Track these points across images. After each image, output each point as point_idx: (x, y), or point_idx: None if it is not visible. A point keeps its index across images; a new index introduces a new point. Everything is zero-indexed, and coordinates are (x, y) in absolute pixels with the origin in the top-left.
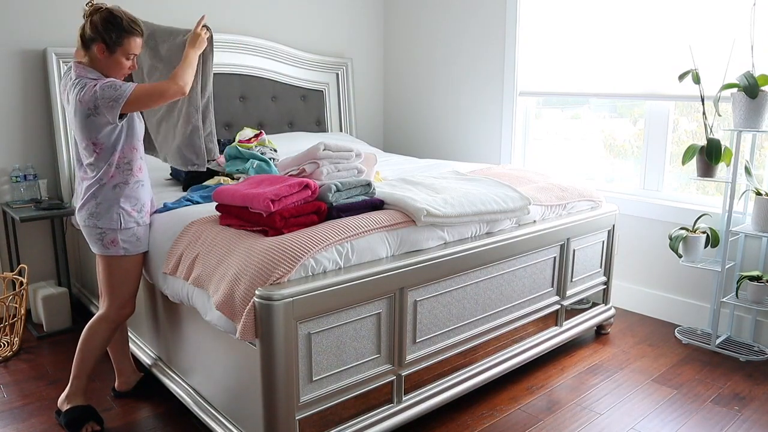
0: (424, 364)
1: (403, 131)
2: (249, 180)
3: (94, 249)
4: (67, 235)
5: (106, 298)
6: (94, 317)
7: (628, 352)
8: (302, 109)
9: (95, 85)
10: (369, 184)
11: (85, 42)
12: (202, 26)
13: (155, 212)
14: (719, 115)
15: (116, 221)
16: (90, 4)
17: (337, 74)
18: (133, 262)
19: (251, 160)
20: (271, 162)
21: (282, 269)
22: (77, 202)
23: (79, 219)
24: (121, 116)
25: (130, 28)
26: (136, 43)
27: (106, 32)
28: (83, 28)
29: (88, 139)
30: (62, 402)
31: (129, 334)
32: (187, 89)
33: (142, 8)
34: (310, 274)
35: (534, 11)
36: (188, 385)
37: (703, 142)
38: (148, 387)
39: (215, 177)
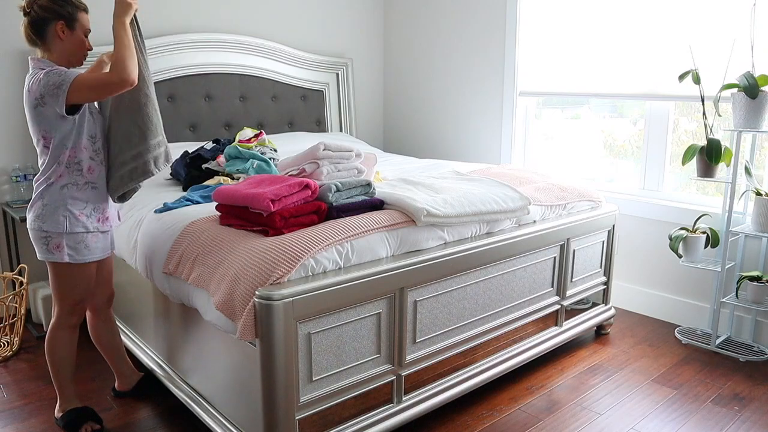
0: (424, 364)
1: (403, 131)
2: (249, 180)
3: (38, 254)
4: None
5: (55, 303)
6: (49, 327)
7: (628, 352)
8: (302, 109)
9: (42, 74)
10: (369, 184)
11: (38, 31)
12: None
13: (157, 211)
14: (719, 115)
15: (61, 224)
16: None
17: (337, 74)
18: (81, 270)
19: (251, 160)
20: (271, 162)
21: (282, 269)
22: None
23: (27, 222)
24: (74, 110)
25: (80, 3)
26: (87, 19)
27: (62, 8)
28: (29, 21)
29: (38, 133)
30: (57, 412)
31: (129, 333)
32: (134, 77)
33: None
34: (310, 274)
35: (534, 11)
36: (188, 385)
37: (703, 142)
38: (148, 387)
39: (215, 177)
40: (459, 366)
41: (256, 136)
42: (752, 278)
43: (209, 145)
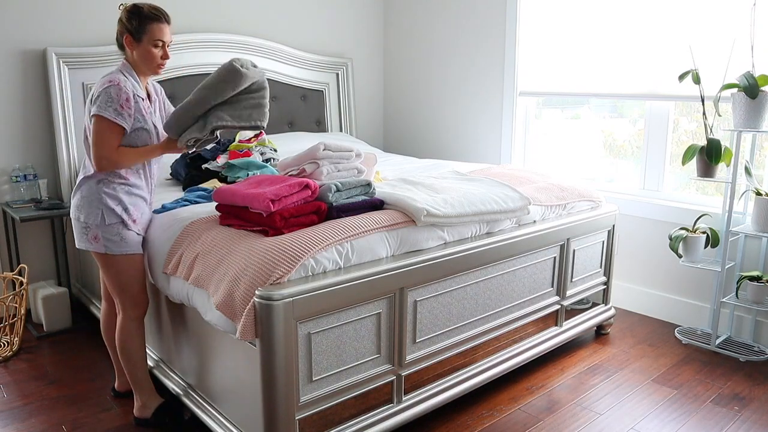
0: (424, 364)
1: (403, 131)
2: (249, 180)
3: (77, 242)
4: (67, 235)
5: (116, 299)
6: (117, 324)
7: (628, 352)
8: (302, 109)
9: (107, 83)
10: (369, 184)
11: (118, 41)
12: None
13: (155, 212)
14: (719, 115)
15: (98, 216)
16: (121, 5)
17: (337, 74)
18: (127, 263)
19: (251, 170)
20: (269, 165)
21: (282, 269)
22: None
23: (71, 212)
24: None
25: (152, 14)
26: (161, 30)
27: (129, 22)
28: (117, 29)
29: (87, 128)
30: (141, 411)
31: None
32: (104, 167)
33: None
34: (310, 274)
35: (534, 11)
36: (188, 384)
37: (703, 142)
38: None
39: (212, 180)
40: (459, 366)
41: (256, 136)
42: (752, 278)
43: (209, 145)
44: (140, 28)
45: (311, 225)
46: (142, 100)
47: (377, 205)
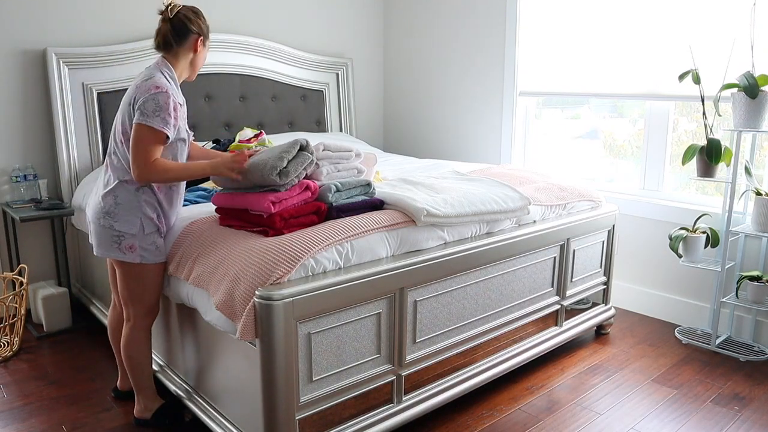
0: (424, 364)
1: (403, 131)
2: None
3: (103, 252)
4: (67, 235)
5: (129, 308)
6: (125, 330)
7: (628, 352)
8: (302, 109)
9: (154, 89)
10: (369, 184)
11: (178, 39)
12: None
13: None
14: (719, 115)
15: (136, 225)
16: (171, 5)
17: (337, 74)
18: (155, 271)
19: None
20: None
21: (282, 269)
22: (91, 195)
23: (92, 215)
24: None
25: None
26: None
27: (204, 23)
28: (171, 26)
29: (125, 131)
30: (141, 412)
31: None
32: (146, 178)
33: (141, 8)
34: (310, 274)
35: (534, 11)
36: (188, 385)
37: (703, 142)
38: None
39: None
40: (459, 366)
41: (256, 136)
42: (752, 278)
43: (209, 145)
44: (208, 34)
45: (311, 225)
46: (181, 105)
47: (377, 205)
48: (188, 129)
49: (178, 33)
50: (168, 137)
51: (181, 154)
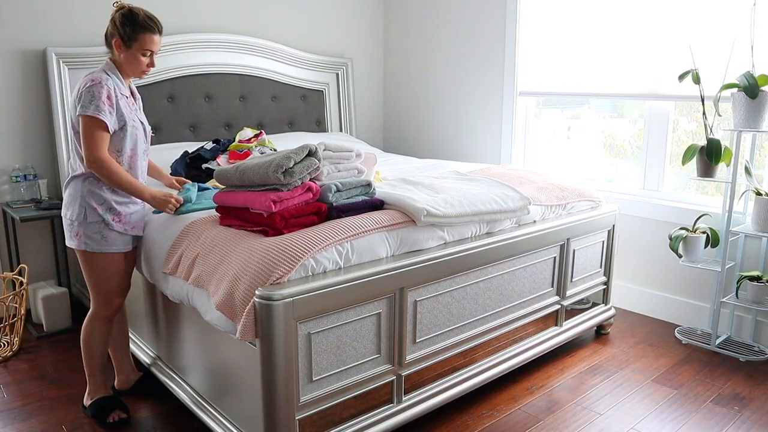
0: (424, 364)
1: (403, 131)
2: None
3: (67, 241)
4: None
5: (91, 294)
6: (87, 317)
7: (628, 352)
8: (302, 109)
9: (89, 81)
10: (369, 185)
11: (107, 39)
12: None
13: (155, 212)
14: (719, 115)
15: (80, 214)
16: (115, 3)
17: (337, 74)
18: (106, 261)
19: None
20: None
21: (282, 269)
22: None
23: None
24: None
25: (146, 24)
26: (152, 40)
27: (122, 27)
28: (107, 27)
29: (73, 126)
30: (86, 399)
31: (129, 333)
32: (92, 167)
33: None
34: (310, 274)
35: (534, 11)
36: (188, 384)
37: (703, 142)
38: (147, 386)
39: (212, 180)
40: (459, 366)
41: (256, 136)
42: (752, 278)
43: (209, 145)
44: (132, 35)
45: (311, 225)
46: (126, 97)
47: (377, 205)
48: (143, 121)
49: (105, 35)
50: (106, 124)
51: (139, 144)
